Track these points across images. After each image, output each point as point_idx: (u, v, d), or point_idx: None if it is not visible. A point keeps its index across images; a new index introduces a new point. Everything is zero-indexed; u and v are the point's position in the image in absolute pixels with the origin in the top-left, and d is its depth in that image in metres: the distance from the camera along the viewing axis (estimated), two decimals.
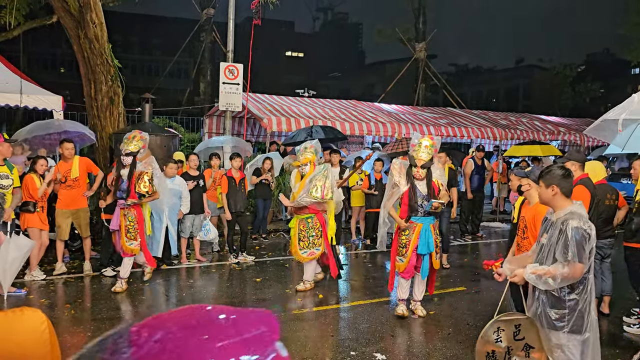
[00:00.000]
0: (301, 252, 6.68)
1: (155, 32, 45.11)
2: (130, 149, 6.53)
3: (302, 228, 6.68)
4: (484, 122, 16.60)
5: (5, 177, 6.28)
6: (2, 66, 10.68)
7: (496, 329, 3.27)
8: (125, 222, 6.55)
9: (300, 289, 6.77)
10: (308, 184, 6.58)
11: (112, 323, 5.45)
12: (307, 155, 6.76)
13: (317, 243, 6.67)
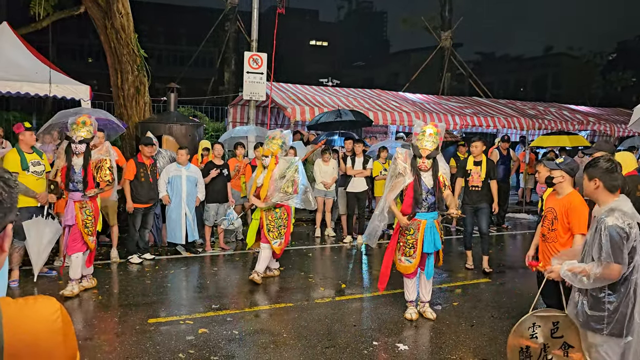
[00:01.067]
0: (273, 243, 6.51)
1: (181, 22, 45.40)
2: (83, 136, 5.91)
3: (271, 219, 6.51)
4: (511, 111, 16.31)
5: (37, 163, 6.43)
6: (32, 56, 10.89)
7: (532, 324, 3.19)
8: (83, 217, 5.95)
9: (257, 280, 6.49)
10: (278, 180, 6.33)
11: (138, 309, 5.55)
12: (272, 147, 6.43)
13: (283, 233, 6.57)
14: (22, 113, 14.67)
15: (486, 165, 7.43)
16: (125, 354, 4.42)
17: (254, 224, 6.71)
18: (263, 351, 4.58)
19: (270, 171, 6.40)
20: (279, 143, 6.44)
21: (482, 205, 7.44)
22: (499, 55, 60.00)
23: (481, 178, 7.38)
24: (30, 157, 6.39)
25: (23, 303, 1.17)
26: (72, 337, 1.22)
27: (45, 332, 1.13)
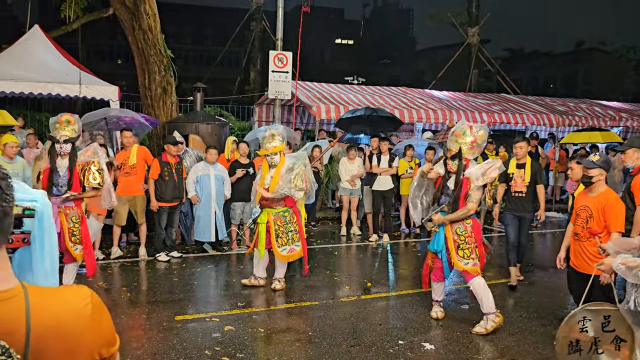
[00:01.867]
0: (280, 250, 6.03)
1: (207, 23, 45.82)
2: (68, 135, 5.42)
3: (280, 224, 6.06)
4: (540, 108, 16.00)
5: None
6: (63, 58, 11.14)
7: (582, 317, 3.14)
8: (69, 224, 5.35)
9: (278, 287, 6.22)
10: (287, 173, 5.98)
11: (165, 306, 5.62)
12: (276, 144, 6.03)
13: (295, 239, 6.12)
14: (53, 114, 15.03)
15: (531, 168, 6.59)
16: (153, 350, 4.48)
17: (261, 228, 6.17)
18: (288, 349, 4.59)
19: (279, 168, 6.05)
20: (280, 139, 6.06)
21: (525, 213, 6.60)
22: (528, 51, 58.86)
23: (525, 182, 6.54)
24: None
25: (52, 291, 1.21)
26: (105, 324, 1.24)
27: (72, 317, 1.16)
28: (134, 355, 4.37)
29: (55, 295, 1.19)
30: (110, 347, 1.26)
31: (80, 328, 1.16)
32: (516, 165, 6.66)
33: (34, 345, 1.08)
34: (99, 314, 1.22)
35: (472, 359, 4.50)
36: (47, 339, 1.10)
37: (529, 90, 30.81)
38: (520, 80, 36.72)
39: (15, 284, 1.13)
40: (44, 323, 1.11)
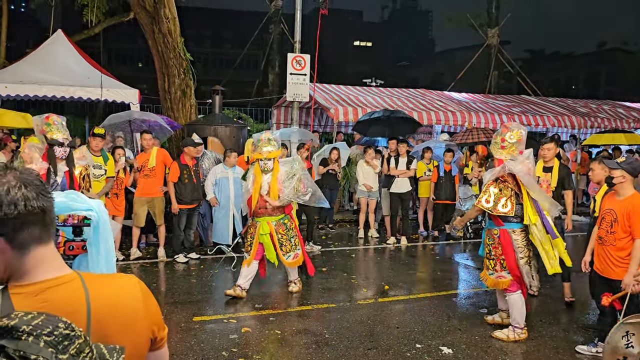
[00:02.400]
0: (286, 258, 5.96)
1: (226, 26, 46.22)
2: (65, 136, 5.20)
3: (282, 232, 5.93)
4: (561, 110, 15.78)
5: (98, 167, 6.72)
6: (85, 62, 11.33)
7: (625, 332, 3.03)
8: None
9: (295, 289, 6.23)
10: (289, 180, 5.80)
11: (183, 307, 5.66)
12: (272, 149, 5.78)
13: (297, 244, 6.06)
14: (75, 117, 15.26)
15: (558, 172, 5.94)
16: (171, 351, 4.50)
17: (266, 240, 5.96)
18: (305, 351, 4.59)
19: (275, 174, 5.83)
20: (276, 145, 5.83)
21: None
22: (549, 52, 58.17)
23: (551, 188, 5.90)
24: (95, 160, 6.68)
25: (106, 277, 1.36)
26: (153, 306, 1.37)
27: (127, 299, 1.29)
28: None
29: (109, 280, 1.33)
30: (161, 329, 1.40)
31: (135, 308, 1.29)
32: (543, 168, 6.01)
33: (95, 324, 1.19)
34: (148, 297, 1.36)
35: None
36: (107, 317, 1.21)
37: (550, 92, 30.39)
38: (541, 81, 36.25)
39: (70, 271, 1.24)
40: (102, 304, 1.22)
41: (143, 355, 1.34)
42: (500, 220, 4.90)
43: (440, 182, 9.58)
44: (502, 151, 4.83)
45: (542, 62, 53.03)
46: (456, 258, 8.48)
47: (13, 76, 10.25)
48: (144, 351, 1.34)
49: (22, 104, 11.74)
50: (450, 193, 9.58)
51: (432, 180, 9.65)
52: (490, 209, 4.83)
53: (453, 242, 9.57)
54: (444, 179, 9.56)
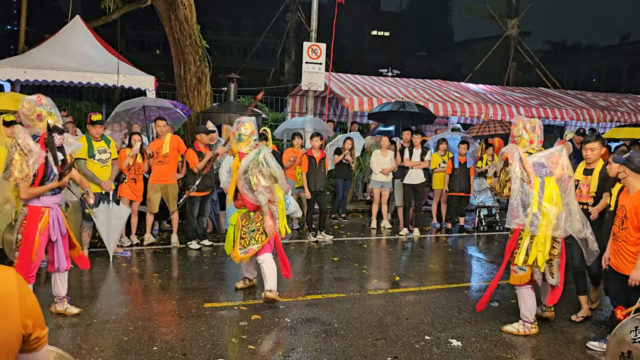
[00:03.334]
0: (240, 252, 5.41)
1: (243, 14, 46.12)
2: (61, 122, 4.77)
3: (244, 223, 5.44)
4: (581, 103, 15.54)
5: (103, 151, 6.76)
6: (102, 48, 11.40)
7: (634, 327, 3.03)
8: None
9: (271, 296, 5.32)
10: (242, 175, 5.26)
11: (195, 293, 5.71)
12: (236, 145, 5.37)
13: (259, 240, 5.40)
14: (92, 102, 15.40)
15: (599, 174, 5.20)
16: (181, 336, 4.57)
17: (229, 230, 5.69)
18: (314, 340, 4.61)
19: (234, 170, 5.41)
20: (235, 137, 5.37)
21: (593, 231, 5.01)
22: (569, 44, 57.18)
23: (591, 193, 5.24)
24: (98, 145, 6.72)
25: None
26: (31, 302, 1.37)
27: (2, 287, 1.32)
28: (163, 340, 4.46)
29: None
30: (38, 327, 1.39)
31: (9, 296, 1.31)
32: (584, 170, 5.36)
33: None
34: (24, 288, 1.36)
35: (500, 357, 4.43)
36: None
37: (570, 85, 29.95)
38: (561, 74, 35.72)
39: None
40: None
41: (12, 352, 1.31)
42: None
43: (455, 174, 9.51)
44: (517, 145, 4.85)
45: (563, 54, 52.18)
46: (469, 251, 8.44)
47: (32, 61, 10.35)
48: (13, 348, 1.31)
49: (40, 89, 11.86)
50: (464, 185, 9.51)
51: (447, 172, 9.59)
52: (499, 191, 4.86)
53: (466, 235, 9.52)
54: (459, 171, 9.49)
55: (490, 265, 7.55)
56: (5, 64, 10.21)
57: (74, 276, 6.23)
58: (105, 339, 4.48)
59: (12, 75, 10.08)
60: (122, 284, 6.18)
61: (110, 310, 5.16)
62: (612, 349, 3.04)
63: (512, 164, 4.61)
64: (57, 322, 4.79)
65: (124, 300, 5.56)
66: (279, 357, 4.28)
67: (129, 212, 7.08)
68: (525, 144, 4.86)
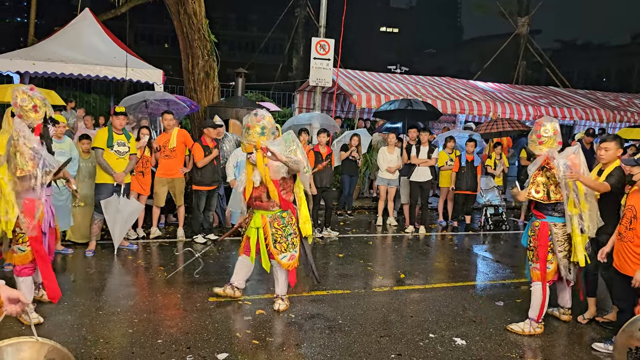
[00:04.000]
0: (281, 257, 5.08)
1: (252, 8, 46.04)
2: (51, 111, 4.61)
3: (277, 226, 5.07)
4: (590, 102, 15.43)
5: (122, 144, 6.80)
6: (111, 41, 11.44)
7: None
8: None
9: (282, 308, 5.17)
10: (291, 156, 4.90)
11: (200, 287, 5.73)
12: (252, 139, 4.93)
13: (295, 244, 5.17)
14: (101, 95, 15.45)
15: (607, 177, 4.87)
16: (186, 330, 4.59)
17: (253, 234, 5.16)
18: (318, 336, 4.61)
19: (261, 166, 4.94)
20: (257, 131, 4.91)
21: (602, 235, 4.83)
22: (580, 43, 56.73)
23: (596, 196, 4.95)
24: (118, 137, 6.77)
25: None
26: None
27: None
28: (167, 333, 4.48)
29: None
30: None
31: None
32: (598, 171, 5.09)
33: None
34: None
35: (504, 357, 4.41)
36: None
37: (580, 84, 29.73)
38: (571, 73, 35.46)
39: None
40: None
41: None
42: (542, 214, 4.91)
43: (462, 172, 9.47)
44: (542, 147, 4.82)
45: (573, 53, 51.77)
46: (474, 249, 8.41)
47: (41, 54, 10.40)
48: None
49: (49, 81, 11.94)
50: (471, 184, 9.47)
51: (454, 170, 9.55)
52: (540, 198, 4.81)
53: (472, 233, 9.49)
54: (466, 169, 9.45)
55: (496, 264, 7.52)
56: (14, 56, 10.27)
57: (81, 268, 6.27)
58: (110, 330, 4.50)
59: (21, 67, 10.14)
60: (127, 276, 6.20)
61: (115, 303, 5.18)
62: (620, 345, 3.04)
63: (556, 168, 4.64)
64: (64, 313, 4.82)
65: (129, 292, 5.58)
66: (283, 353, 4.29)
67: (141, 207, 7.12)
68: (553, 145, 4.84)
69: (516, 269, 7.25)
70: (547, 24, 44.55)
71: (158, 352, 4.14)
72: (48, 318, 4.68)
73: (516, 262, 7.59)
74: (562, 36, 57.10)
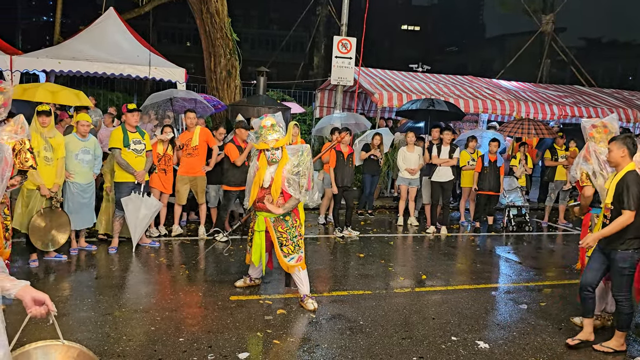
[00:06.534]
0: (287, 260, 5.19)
1: (273, 7, 46.16)
2: None
3: (282, 230, 5.16)
4: (616, 101, 15.12)
5: (138, 142, 6.85)
6: (134, 40, 11.54)
7: None
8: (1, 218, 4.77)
9: (310, 308, 5.19)
10: (293, 175, 5.06)
11: (221, 285, 5.75)
12: (278, 136, 5.01)
13: (301, 245, 5.28)
14: (124, 94, 15.63)
15: (617, 185, 4.32)
16: (207, 328, 4.60)
17: (257, 239, 5.27)
18: (339, 337, 4.59)
19: (282, 165, 5.08)
20: (280, 131, 5.04)
21: (611, 250, 4.37)
22: (606, 41, 55.63)
23: (607, 204, 4.42)
24: (133, 136, 6.83)
25: None
26: None
27: None
28: (189, 332, 4.50)
29: None
30: None
31: None
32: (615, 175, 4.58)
33: None
34: None
35: None
36: None
37: (606, 83, 29.15)
38: (596, 71, 34.79)
39: None
40: None
41: None
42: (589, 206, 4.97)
43: (485, 173, 9.35)
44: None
45: (598, 51, 50.80)
46: (497, 251, 8.30)
47: (66, 52, 10.55)
48: None
49: (74, 79, 12.10)
50: (494, 184, 9.34)
51: (476, 170, 9.44)
52: None
53: (494, 234, 9.37)
54: (489, 170, 9.32)
55: (519, 266, 7.41)
56: (40, 55, 10.43)
57: (104, 265, 6.35)
58: (133, 328, 4.55)
59: (47, 65, 10.29)
60: (149, 274, 6.26)
61: (138, 300, 5.23)
62: None
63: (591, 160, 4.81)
64: (87, 310, 4.88)
65: (151, 290, 5.63)
66: (303, 353, 4.28)
67: (160, 206, 7.17)
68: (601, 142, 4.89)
69: (540, 271, 7.13)
70: (572, 21, 43.69)
71: (180, 350, 4.17)
72: (71, 314, 4.74)
73: (540, 265, 7.47)
74: (587, 34, 56.00)
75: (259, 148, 5.12)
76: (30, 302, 2.07)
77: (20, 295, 2.07)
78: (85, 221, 6.70)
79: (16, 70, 9.92)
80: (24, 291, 2.08)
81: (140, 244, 7.08)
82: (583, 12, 57.18)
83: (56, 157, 6.07)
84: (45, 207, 6.01)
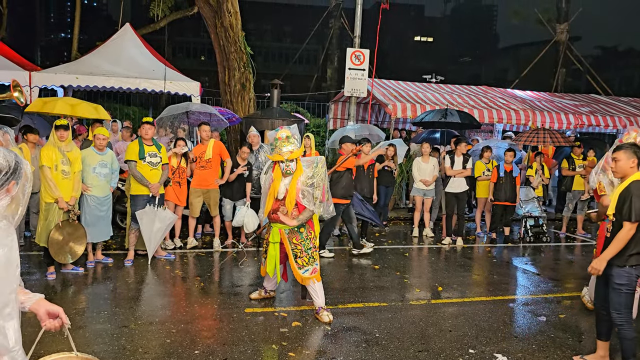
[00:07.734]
0: (302, 272, 5.19)
1: (287, 20, 46.60)
2: None
3: (296, 242, 5.16)
4: (634, 110, 14.94)
5: (153, 155, 6.91)
6: (150, 55, 11.70)
7: None
8: None
9: (326, 320, 5.16)
10: (307, 189, 5.08)
11: (236, 298, 5.75)
12: (292, 148, 5.01)
13: (315, 257, 5.27)
14: (140, 108, 15.82)
15: (619, 195, 4.01)
16: (222, 341, 4.60)
17: (272, 250, 5.29)
18: (355, 349, 4.55)
19: (296, 177, 5.10)
20: (295, 143, 5.07)
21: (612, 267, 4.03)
22: (622, 50, 55.17)
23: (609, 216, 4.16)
24: (149, 149, 6.89)
25: None
26: None
27: None
28: (204, 344, 4.50)
29: None
30: None
31: None
32: None
33: None
34: None
35: None
36: None
37: (622, 91, 28.85)
38: (612, 80, 34.44)
39: None
40: None
41: None
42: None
43: (500, 183, 9.27)
44: None
45: (614, 60, 50.39)
46: (514, 262, 8.20)
47: (84, 68, 10.72)
48: None
49: (91, 94, 12.28)
50: (510, 194, 9.25)
51: (492, 181, 9.37)
52: None
53: (511, 245, 9.26)
54: (504, 180, 9.24)
55: (537, 277, 7.30)
56: (59, 70, 10.61)
57: (120, 277, 6.38)
58: (148, 340, 4.55)
59: (65, 81, 10.47)
60: (165, 286, 6.28)
61: (153, 313, 5.24)
62: None
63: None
64: (103, 322, 4.90)
65: (166, 302, 5.64)
66: None
67: (175, 218, 7.20)
68: None
69: (558, 282, 7.02)
70: (587, 30, 43.44)
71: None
72: (87, 327, 4.77)
73: (558, 276, 7.36)
74: (602, 42, 55.59)
75: (274, 160, 5.14)
76: (45, 315, 2.07)
77: (34, 309, 2.08)
78: (102, 234, 6.75)
79: (35, 85, 10.11)
80: (38, 304, 2.09)
81: (156, 256, 7.12)
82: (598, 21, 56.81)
83: (73, 171, 6.16)
84: (63, 220, 6.08)
